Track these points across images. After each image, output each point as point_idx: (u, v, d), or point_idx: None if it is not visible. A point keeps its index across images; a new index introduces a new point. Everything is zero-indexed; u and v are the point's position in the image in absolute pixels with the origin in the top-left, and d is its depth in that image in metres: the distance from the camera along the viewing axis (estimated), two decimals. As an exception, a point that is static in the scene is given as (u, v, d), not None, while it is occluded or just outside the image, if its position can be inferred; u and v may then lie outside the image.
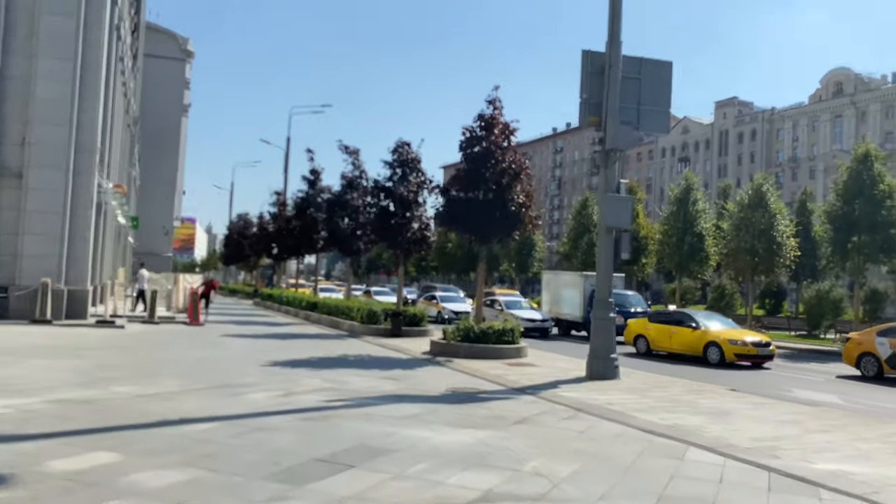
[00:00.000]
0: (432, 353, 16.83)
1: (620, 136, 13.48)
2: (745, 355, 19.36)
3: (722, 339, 19.60)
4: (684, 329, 20.61)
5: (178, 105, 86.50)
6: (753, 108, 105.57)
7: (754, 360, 19.51)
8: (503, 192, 16.50)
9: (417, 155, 23.26)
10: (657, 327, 21.57)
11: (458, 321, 18.05)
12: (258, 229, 50.61)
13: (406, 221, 22.22)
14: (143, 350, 14.83)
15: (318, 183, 33.35)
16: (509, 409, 9.81)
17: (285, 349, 16.65)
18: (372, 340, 20.11)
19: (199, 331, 20.97)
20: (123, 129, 38.35)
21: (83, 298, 20.38)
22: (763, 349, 19.67)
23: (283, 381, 11.31)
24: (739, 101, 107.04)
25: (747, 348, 19.42)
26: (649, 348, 21.43)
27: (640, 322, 22.74)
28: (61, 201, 19.80)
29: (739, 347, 19.41)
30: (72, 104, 20.02)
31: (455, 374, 13.46)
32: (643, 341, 21.75)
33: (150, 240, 71.47)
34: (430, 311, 32.79)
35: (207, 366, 12.80)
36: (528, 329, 25.50)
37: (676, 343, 20.66)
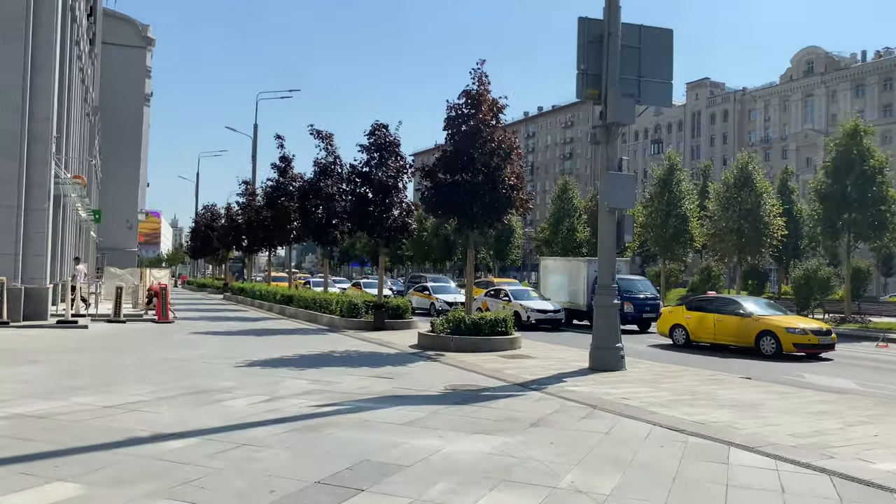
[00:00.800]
0: (421, 346, 15.87)
1: (622, 109, 12.58)
2: (804, 345, 17.03)
3: (778, 326, 17.32)
4: (730, 317, 18.44)
5: (139, 94, 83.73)
6: (725, 89, 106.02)
7: (814, 350, 17.18)
8: (493, 173, 15.53)
9: (396, 138, 22.19)
10: (698, 316, 19.31)
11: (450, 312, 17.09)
12: (226, 221, 49.02)
13: (385, 208, 21.18)
14: (107, 352, 13.62)
15: (289, 171, 31.99)
16: (518, 408, 8.89)
17: (263, 347, 15.55)
18: (354, 335, 19.07)
19: (169, 328, 19.73)
20: (82, 119, 36.60)
21: (42, 297, 19.00)
22: (824, 338, 17.37)
23: (264, 383, 10.25)
24: (711, 82, 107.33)
25: (807, 337, 17.09)
26: (689, 339, 19.28)
27: (676, 310, 20.60)
28: (15, 194, 18.36)
29: (799, 336, 17.07)
30: (23, 89, 18.54)
31: (449, 369, 12.51)
32: (681, 331, 19.60)
33: (114, 234, 69.19)
34: (421, 302, 31.62)
35: (179, 368, 11.68)
36: (539, 321, 24.70)
37: (721, 333, 18.61)
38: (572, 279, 27.57)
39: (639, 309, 25.25)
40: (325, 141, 27.41)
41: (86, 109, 39.60)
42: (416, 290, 34.12)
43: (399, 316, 21.38)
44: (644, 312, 25.34)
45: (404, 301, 22.30)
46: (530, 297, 26.69)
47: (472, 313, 16.27)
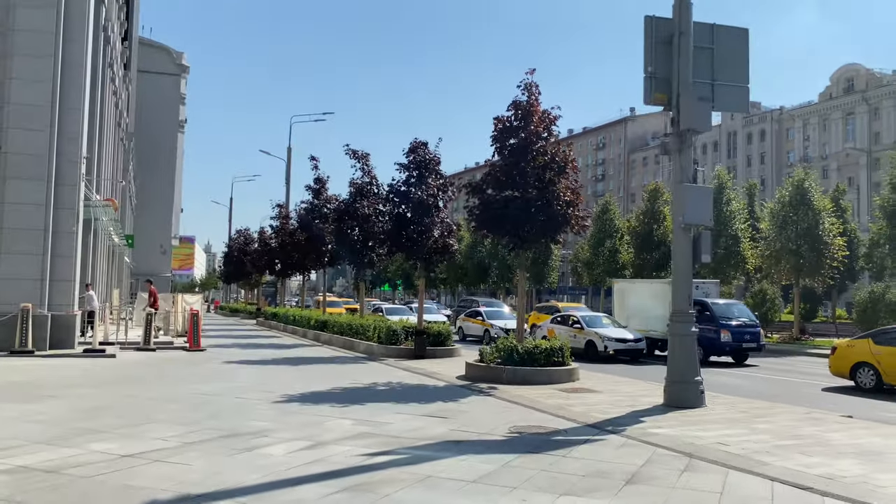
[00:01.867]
0: (470, 378, 14.60)
1: (698, 115, 11.32)
2: None
3: None
4: None
5: (174, 121, 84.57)
6: (761, 108, 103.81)
7: None
8: (547, 188, 14.32)
9: (436, 155, 21.17)
10: (892, 351, 15.07)
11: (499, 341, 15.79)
12: (259, 244, 48.45)
13: (426, 228, 20.08)
14: (134, 385, 12.57)
15: (323, 192, 31.09)
16: (603, 457, 7.57)
17: (300, 378, 14.42)
18: (395, 363, 17.87)
19: (200, 357, 18.72)
20: (116, 143, 36.28)
21: (69, 325, 18.14)
22: None
23: (305, 424, 9.07)
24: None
25: None
26: (881, 381, 15.14)
27: (861, 344, 16.06)
28: (42, 216, 17.60)
29: None
30: (52, 107, 17.87)
31: (507, 406, 11.21)
32: (870, 372, 15.40)
33: (148, 260, 69.28)
34: (473, 329, 29.52)
35: (211, 404, 10.56)
36: (618, 351, 21.83)
37: None
38: (655, 303, 23.56)
39: (737, 338, 21.88)
40: (362, 161, 26.49)
41: (119, 134, 39.39)
42: (468, 315, 31.59)
43: (441, 343, 20.14)
44: (743, 342, 21.99)
45: (445, 327, 21.05)
46: (606, 325, 23.51)
47: (522, 341, 14.97)
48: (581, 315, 24.55)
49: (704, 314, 21.39)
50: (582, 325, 22.93)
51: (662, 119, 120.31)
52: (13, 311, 16.80)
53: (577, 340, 22.01)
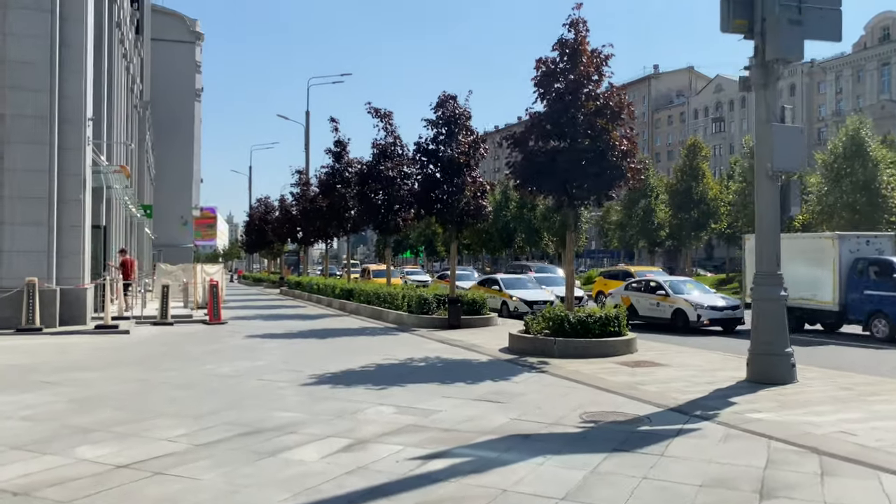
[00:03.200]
0: (514, 351, 13.18)
1: (788, 41, 9.57)
2: None
3: None
4: None
5: (190, 90, 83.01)
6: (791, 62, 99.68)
7: None
8: (599, 137, 12.67)
9: (466, 110, 19.53)
10: None
11: (540, 310, 14.29)
12: (280, 213, 47.25)
13: (457, 189, 18.56)
14: (144, 367, 11.28)
15: (344, 156, 29.57)
16: (710, 456, 6.09)
17: (330, 353, 13.07)
18: (428, 334, 16.48)
19: (221, 331, 17.47)
20: (130, 110, 34.90)
21: (80, 299, 16.92)
22: None
23: (339, 413, 7.68)
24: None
25: None
26: None
27: None
28: (45, 183, 16.27)
29: None
30: (51, 65, 16.41)
31: (568, 385, 9.75)
32: None
33: (169, 231, 68.54)
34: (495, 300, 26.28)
35: (230, 390, 9.22)
36: (713, 321, 18.88)
37: None
38: (811, 264, 18.73)
39: None
40: (384, 120, 24.91)
41: (133, 101, 37.98)
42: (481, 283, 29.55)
43: (475, 312, 18.72)
44: None
45: (480, 294, 19.59)
46: (692, 290, 20.48)
47: (573, 309, 13.46)
48: (664, 280, 21.78)
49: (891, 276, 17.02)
50: (667, 292, 19.89)
51: (687, 76, 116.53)
52: (18, 286, 15.59)
53: (661, 309, 19.78)
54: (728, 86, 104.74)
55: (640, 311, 20.33)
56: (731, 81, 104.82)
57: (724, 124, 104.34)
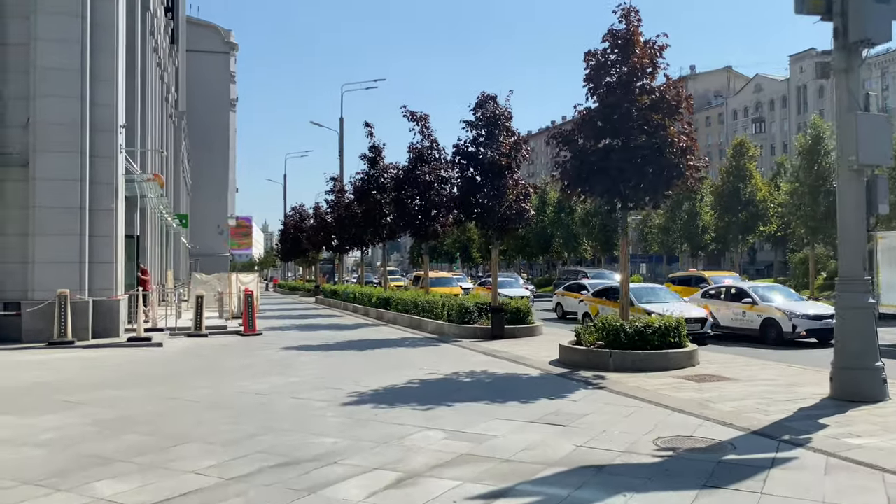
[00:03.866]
0: (566, 363, 12.33)
1: (874, 20, 8.60)
2: None
3: None
4: None
5: (225, 100, 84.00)
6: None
7: None
8: (656, 133, 11.77)
9: (507, 110, 18.75)
10: None
11: (593, 320, 13.41)
12: (315, 220, 46.91)
13: (498, 193, 17.77)
14: (175, 383, 10.67)
15: (379, 161, 28.99)
16: (818, 495, 5.20)
17: (369, 367, 12.36)
18: (471, 345, 15.69)
19: (256, 343, 16.90)
20: (164, 119, 34.86)
21: (113, 311, 16.50)
22: None
23: (384, 439, 6.93)
24: (818, 53, 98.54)
25: None
26: None
27: None
28: (77, 193, 15.89)
29: None
30: (82, 71, 16.06)
31: (632, 404, 8.86)
32: None
33: (206, 240, 69.02)
34: (575, 306, 23.45)
35: (265, 410, 8.54)
36: (809, 331, 16.65)
37: None
38: None
39: None
40: (421, 123, 24.23)
41: (168, 110, 38.01)
42: (568, 289, 26.35)
43: (520, 321, 17.86)
44: None
45: (524, 302, 18.72)
46: (781, 297, 18.41)
47: (628, 318, 12.55)
48: (749, 286, 19.81)
49: None
50: (754, 300, 17.72)
51: (725, 76, 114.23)
52: (50, 298, 15.21)
53: (748, 320, 17.68)
54: (768, 85, 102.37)
55: (722, 322, 18.29)
56: (771, 81, 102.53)
57: (765, 125, 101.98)
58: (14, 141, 15.87)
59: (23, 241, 15.72)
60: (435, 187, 23.44)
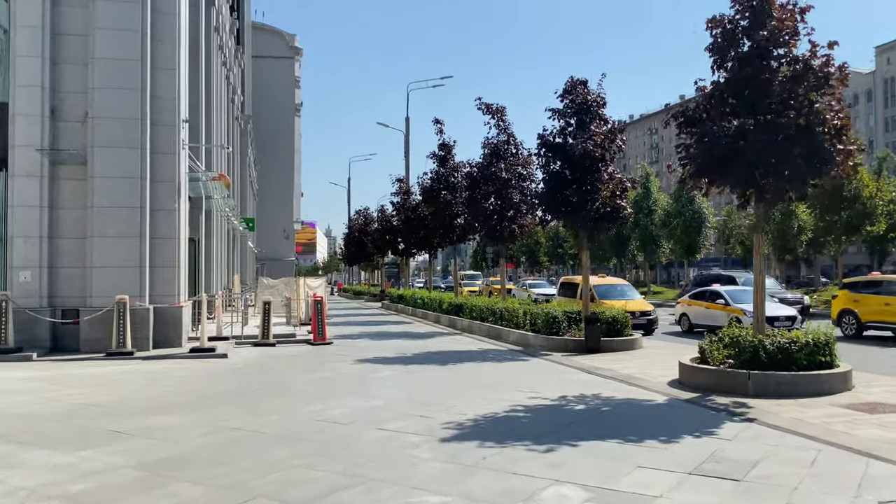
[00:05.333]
0: (688, 385, 10.43)
1: None
2: None
3: None
4: None
5: (290, 105, 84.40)
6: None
7: None
8: (802, 109, 9.77)
9: (599, 95, 16.90)
10: None
11: (718, 331, 11.40)
12: (380, 223, 45.71)
13: (591, 188, 15.93)
14: (240, 406, 9.23)
15: (449, 160, 27.48)
16: None
17: (458, 387, 10.71)
18: (564, 360, 13.89)
19: (327, 353, 15.49)
20: (230, 120, 34.18)
21: (175, 319, 15.34)
22: None
23: (505, 495, 5.24)
24: None
25: None
26: None
27: None
28: (137, 191, 14.80)
29: None
30: (142, 62, 14.98)
31: (807, 445, 6.92)
32: None
33: (272, 244, 69.04)
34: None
35: (343, 446, 6.98)
36: None
37: None
38: None
39: None
40: (497, 116, 22.61)
41: (234, 112, 37.42)
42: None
43: (616, 332, 15.93)
44: None
45: (620, 311, 16.77)
46: None
47: (764, 331, 10.53)
48: None
49: None
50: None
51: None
52: (108, 305, 14.11)
53: None
54: (852, 78, 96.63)
55: None
56: (855, 73, 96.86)
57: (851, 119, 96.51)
58: (72, 136, 14.87)
59: (80, 245, 14.69)
60: (512, 185, 21.77)
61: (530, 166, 22.08)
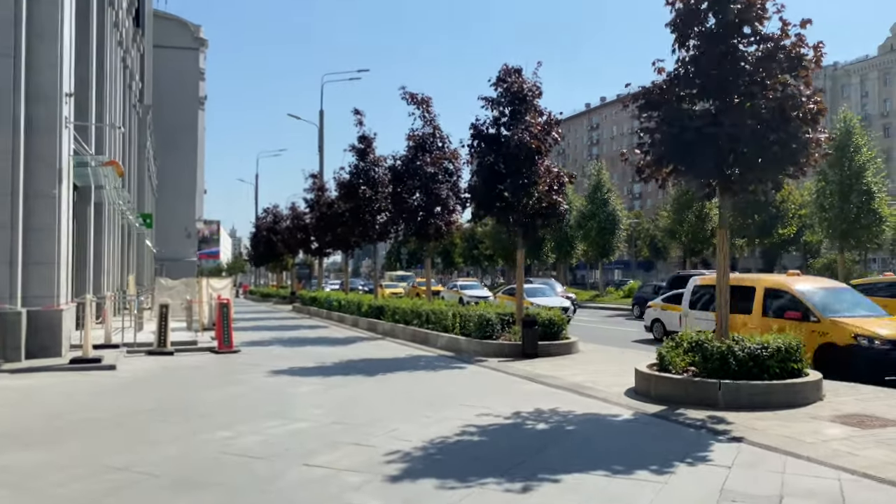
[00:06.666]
0: (648, 395, 9.37)
1: None
2: None
3: None
4: None
5: (194, 98, 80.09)
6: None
7: None
8: (777, 92, 8.89)
9: (535, 84, 15.83)
10: None
11: (676, 335, 10.42)
12: (291, 221, 43.50)
13: (528, 182, 14.87)
14: (126, 435, 7.43)
15: (370, 153, 25.91)
16: None
17: (395, 403, 9.24)
18: (503, 367, 12.66)
19: (235, 363, 13.67)
20: (128, 108, 31.28)
21: (54, 324, 13.11)
22: None
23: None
24: None
25: None
26: None
27: None
28: (8, 172, 12.53)
29: None
30: (15, 23, 12.73)
31: (822, 473, 5.90)
32: None
33: (172, 244, 65.04)
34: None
35: (259, 492, 5.42)
36: None
37: None
38: None
39: None
40: (422, 107, 21.25)
41: (132, 100, 34.40)
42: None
43: (553, 335, 14.83)
44: None
45: (556, 312, 15.69)
46: None
47: (726, 337, 9.62)
48: None
49: None
50: None
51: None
52: (-32, 309, 11.82)
53: None
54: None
55: None
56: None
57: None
58: (-75, 108, 12.45)
59: (-67, 235, 12.31)
60: (439, 179, 20.50)
61: (458, 160, 20.91)
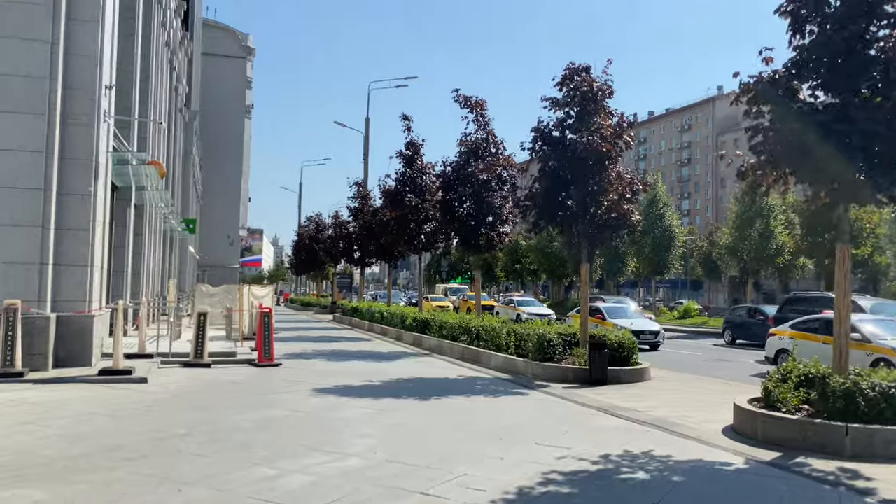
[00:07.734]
0: (753, 436, 7.95)
1: None
2: None
3: None
4: None
5: (241, 106, 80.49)
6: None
7: None
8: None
9: (605, 83, 14.51)
10: None
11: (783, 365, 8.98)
12: (333, 230, 42.65)
13: (598, 189, 13.58)
14: (150, 469, 6.32)
15: (417, 160, 24.84)
16: None
17: (456, 437, 7.98)
18: (570, 395, 11.31)
19: (275, 379, 12.57)
20: (174, 111, 30.83)
21: (85, 330, 12.20)
22: None
23: None
24: None
25: None
26: None
27: None
28: (40, 168, 11.69)
29: None
30: (54, 7, 11.93)
31: None
32: None
33: (215, 251, 65.10)
34: None
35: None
36: None
37: None
38: None
39: None
40: (476, 110, 20.12)
41: (178, 103, 34.02)
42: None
43: (623, 360, 13.44)
44: None
45: (626, 334, 14.27)
46: None
47: (846, 369, 8.16)
48: None
49: None
50: None
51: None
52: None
53: None
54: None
55: None
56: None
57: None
58: (-42, 98, 11.69)
59: (-39, 233, 11.50)
60: (492, 187, 19.31)
61: (513, 167, 19.70)
